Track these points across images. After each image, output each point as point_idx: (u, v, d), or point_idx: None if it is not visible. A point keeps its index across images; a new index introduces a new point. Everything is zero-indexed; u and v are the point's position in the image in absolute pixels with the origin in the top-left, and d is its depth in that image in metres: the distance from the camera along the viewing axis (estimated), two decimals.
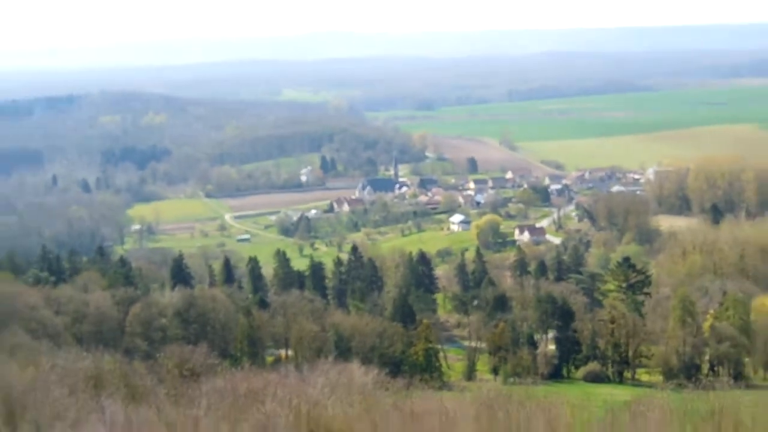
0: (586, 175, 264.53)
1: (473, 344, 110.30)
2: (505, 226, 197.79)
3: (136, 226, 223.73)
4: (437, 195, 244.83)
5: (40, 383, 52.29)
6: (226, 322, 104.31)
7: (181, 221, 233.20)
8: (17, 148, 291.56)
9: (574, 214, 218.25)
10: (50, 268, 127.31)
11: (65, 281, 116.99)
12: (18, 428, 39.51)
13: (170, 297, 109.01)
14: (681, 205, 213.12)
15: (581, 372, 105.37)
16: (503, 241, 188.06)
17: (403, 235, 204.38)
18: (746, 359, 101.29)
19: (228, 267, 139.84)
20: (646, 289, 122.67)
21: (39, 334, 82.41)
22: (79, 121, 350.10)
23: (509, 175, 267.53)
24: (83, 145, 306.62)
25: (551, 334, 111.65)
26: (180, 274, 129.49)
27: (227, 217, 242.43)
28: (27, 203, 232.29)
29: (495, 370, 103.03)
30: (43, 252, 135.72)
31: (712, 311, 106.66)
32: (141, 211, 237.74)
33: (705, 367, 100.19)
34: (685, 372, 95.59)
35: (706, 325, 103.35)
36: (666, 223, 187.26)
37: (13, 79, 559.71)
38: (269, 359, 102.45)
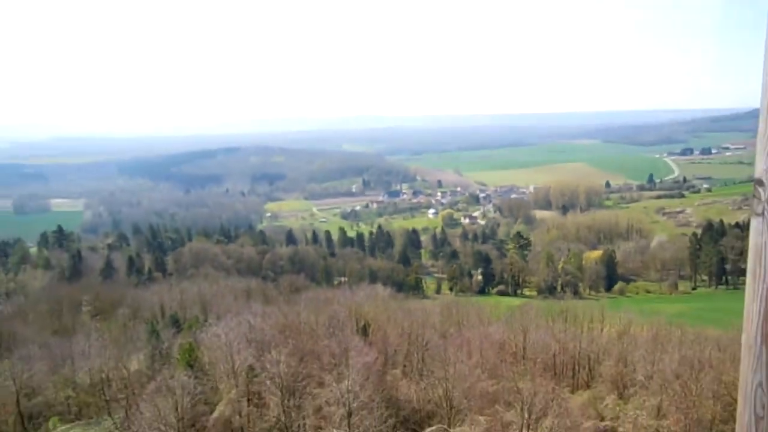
0: (498, 188, 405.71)
1: (439, 275, 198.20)
2: (456, 215, 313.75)
3: (268, 214, 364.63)
4: (421, 198, 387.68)
5: (219, 293, 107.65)
6: (313, 263, 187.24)
7: (291, 212, 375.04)
8: (208, 174, 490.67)
9: (491, 209, 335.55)
10: (224, 234, 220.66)
11: (231, 241, 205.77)
12: (209, 315, 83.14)
13: (285, 250, 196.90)
14: (546, 205, 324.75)
15: (495, 290, 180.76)
16: (455, 223, 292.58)
17: (404, 220, 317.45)
18: (580, 284, 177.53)
19: (314, 235, 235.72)
20: (528, 248, 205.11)
21: (219, 269, 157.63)
22: (239, 160, 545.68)
23: (459, 188, 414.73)
24: (242, 172, 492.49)
25: (480, 270, 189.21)
26: (291, 238, 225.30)
27: (314, 209, 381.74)
28: (213, 202, 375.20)
29: (451, 289, 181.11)
30: (220, 226, 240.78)
31: (562, 259, 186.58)
32: (271, 206, 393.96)
33: (559, 288, 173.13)
34: (548, 290, 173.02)
35: (559, 266, 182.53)
36: (539, 215, 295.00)
37: (205, 137, 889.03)
38: (336, 283, 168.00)
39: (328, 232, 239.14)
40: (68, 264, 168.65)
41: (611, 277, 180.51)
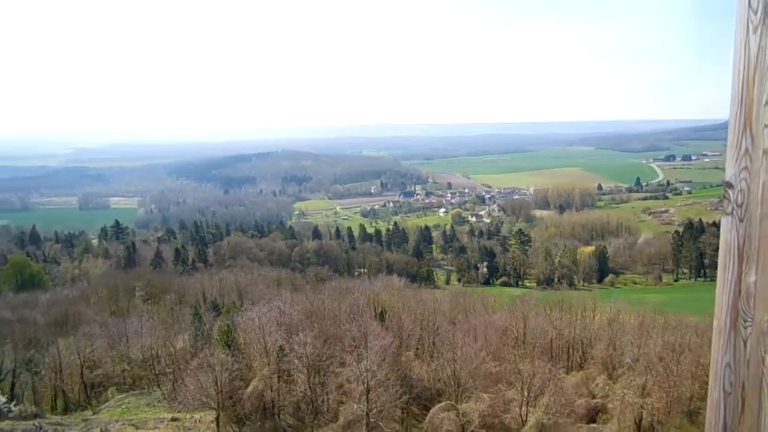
0: (502, 190, 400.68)
1: (449, 267, 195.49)
2: (464, 214, 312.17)
3: (296, 212, 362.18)
4: (433, 199, 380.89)
5: (253, 282, 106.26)
6: (336, 256, 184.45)
7: (317, 210, 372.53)
8: (244, 176, 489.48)
9: (496, 209, 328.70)
10: (258, 229, 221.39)
11: (264, 236, 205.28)
12: (244, 301, 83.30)
13: (312, 244, 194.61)
14: (545, 205, 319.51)
15: (499, 281, 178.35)
16: (463, 221, 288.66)
17: (418, 218, 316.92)
18: (575, 276, 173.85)
19: (337, 230, 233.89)
20: (528, 244, 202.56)
21: (253, 260, 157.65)
22: (271, 164, 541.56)
23: (466, 190, 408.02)
24: (274, 175, 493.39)
25: (485, 263, 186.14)
26: (316, 233, 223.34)
27: (338, 208, 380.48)
28: (248, 201, 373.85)
29: (459, 280, 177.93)
30: (254, 222, 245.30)
31: (559, 254, 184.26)
32: (299, 205, 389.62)
33: (556, 279, 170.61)
34: (546, 282, 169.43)
35: (556, 260, 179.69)
36: (539, 214, 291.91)
37: (242, 143, 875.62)
38: (356, 274, 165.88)
39: (349, 229, 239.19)
40: (124, 254, 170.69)
41: (603, 270, 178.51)
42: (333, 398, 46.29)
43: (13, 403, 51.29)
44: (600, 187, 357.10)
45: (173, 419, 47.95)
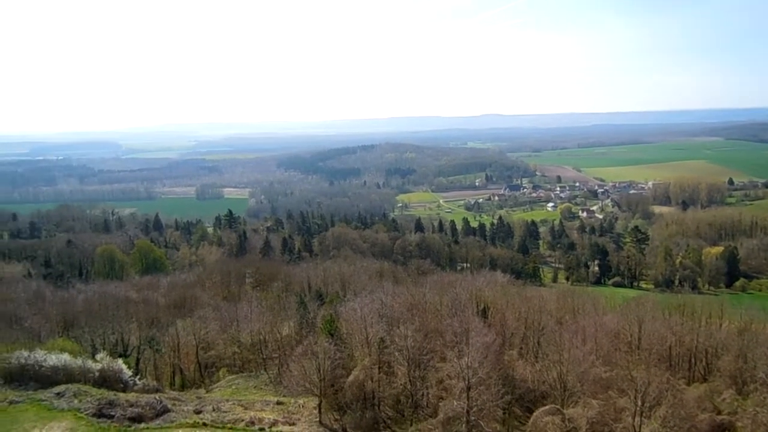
0: (617, 184, 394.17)
1: (556, 265, 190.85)
2: (574, 209, 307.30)
3: (399, 204, 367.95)
4: (540, 193, 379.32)
5: (355, 273, 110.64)
6: (438, 250, 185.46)
7: (420, 202, 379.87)
8: (349, 168, 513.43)
9: (609, 204, 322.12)
10: (361, 221, 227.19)
11: (367, 227, 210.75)
12: (347, 292, 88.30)
13: (414, 237, 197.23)
14: (665, 200, 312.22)
15: (611, 281, 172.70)
16: (573, 216, 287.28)
17: (524, 212, 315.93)
18: (699, 279, 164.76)
19: (440, 224, 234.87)
20: (646, 242, 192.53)
21: (356, 251, 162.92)
22: (376, 156, 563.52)
23: (577, 184, 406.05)
24: (378, 167, 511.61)
25: (596, 261, 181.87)
26: (419, 226, 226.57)
27: (441, 201, 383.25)
28: (352, 193, 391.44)
29: (567, 278, 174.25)
30: (358, 214, 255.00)
31: (680, 254, 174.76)
32: (402, 197, 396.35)
33: (676, 282, 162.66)
34: (665, 284, 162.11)
35: (677, 261, 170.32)
36: (658, 209, 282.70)
37: (347, 135, 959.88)
38: (458, 268, 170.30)
39: (452, 222, 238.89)
40: (236, 242, 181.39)
41: (732, 273, 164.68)
42: (433, 393, 46.27)
43: (138, 377, 56.40)
44: (731, 182, 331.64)
45: (279, 403, 50.29)
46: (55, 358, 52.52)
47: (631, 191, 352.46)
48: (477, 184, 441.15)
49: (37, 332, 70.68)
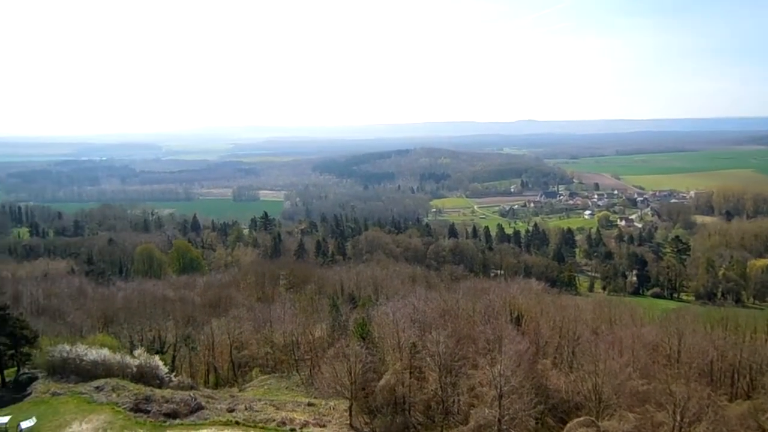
0: (657, 193, 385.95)
1: (593, 274, 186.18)
2: (612, 217, 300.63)
3: (433, 209, 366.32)
4: (577, 200, 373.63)
5: (388, 277, 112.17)
6: (472, 256, 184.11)
7: (454, 208, 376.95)
8: (384, 172, 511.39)
9: (649, 213, 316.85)
10: (394, 225, 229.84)
11: (401, 232, 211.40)
12: (380, 296, 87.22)
13: (447, 242, 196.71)
14: (708, 210, 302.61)
15: (650, 292, 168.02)
16: (611, 224, 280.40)
17: (560, 219, 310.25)
18: (743, 292, 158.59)
19: (474, 229, 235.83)
20: (687, 252, 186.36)
21: (389, 256, 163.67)
22: (410, 161, 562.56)
23: (616, 191, 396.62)
24: (412, 171, 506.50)
25: (634, 271, 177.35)
26: (453, 231, 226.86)
27: (475, 207, 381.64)
28: (386, 197, 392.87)
29: (604, 288, 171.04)
30: (392, 218, 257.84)
31: (724, 266, 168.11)
32: (436, 202, 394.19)
33: (719, 294, 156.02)
34: (707, 296, 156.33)
35: (720, 273, 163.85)
36: (700, 220, 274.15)
37: (383, 140, 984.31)
38: (492, 275, 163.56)
39: (486, 228, 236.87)
40: (270, 244, 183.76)
41: None
42: (464, 400, 45.93)
43: (173, 374, 57.66)
44: None
45: (310, 404, 50.69)
46: (95, 353, 54.17)
47: (672, 200, 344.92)
48: (512, 190, 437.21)
49: (79, 327, 73.05)
